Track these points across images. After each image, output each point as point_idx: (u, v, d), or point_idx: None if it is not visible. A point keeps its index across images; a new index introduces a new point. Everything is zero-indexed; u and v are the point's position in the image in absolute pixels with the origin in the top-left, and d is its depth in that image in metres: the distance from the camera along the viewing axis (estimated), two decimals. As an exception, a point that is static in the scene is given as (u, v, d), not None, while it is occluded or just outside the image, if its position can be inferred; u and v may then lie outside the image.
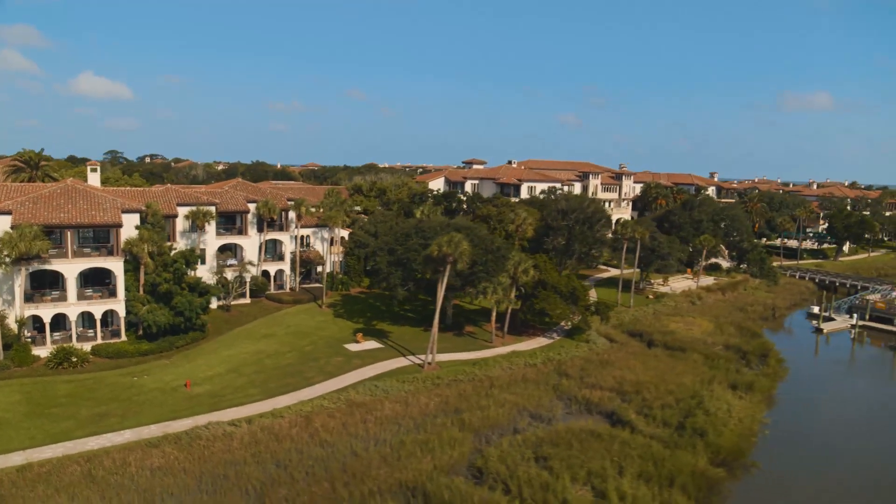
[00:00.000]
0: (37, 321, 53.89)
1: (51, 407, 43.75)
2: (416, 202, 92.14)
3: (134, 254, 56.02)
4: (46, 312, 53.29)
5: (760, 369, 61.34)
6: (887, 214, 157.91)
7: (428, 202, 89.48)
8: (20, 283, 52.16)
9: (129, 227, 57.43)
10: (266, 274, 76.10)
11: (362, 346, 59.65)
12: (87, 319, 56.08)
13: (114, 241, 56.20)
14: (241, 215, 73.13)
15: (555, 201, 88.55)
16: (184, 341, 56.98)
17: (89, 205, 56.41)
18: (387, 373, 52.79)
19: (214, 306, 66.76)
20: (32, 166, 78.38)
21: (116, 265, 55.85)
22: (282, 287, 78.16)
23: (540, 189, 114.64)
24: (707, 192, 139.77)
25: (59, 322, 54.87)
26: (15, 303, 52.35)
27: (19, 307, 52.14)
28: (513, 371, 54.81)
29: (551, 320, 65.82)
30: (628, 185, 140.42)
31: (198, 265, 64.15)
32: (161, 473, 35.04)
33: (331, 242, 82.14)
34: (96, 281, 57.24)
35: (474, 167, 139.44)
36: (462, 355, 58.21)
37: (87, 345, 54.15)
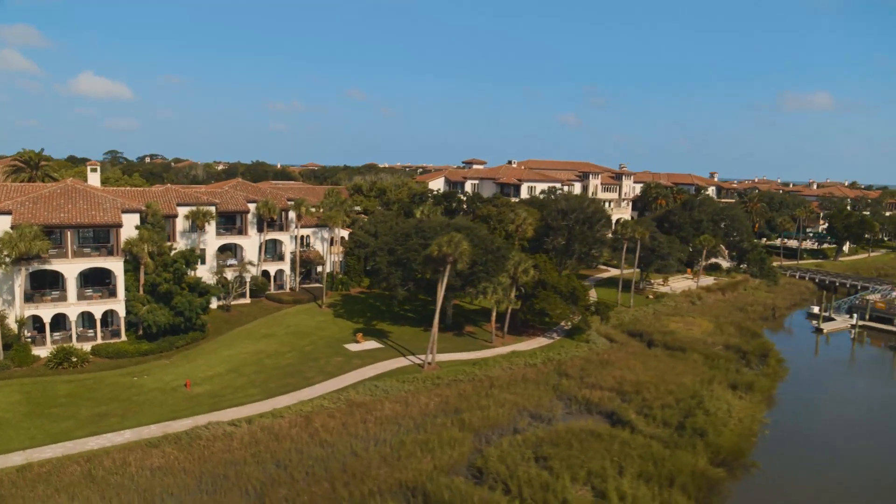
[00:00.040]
0: (37, 321, 53.92)
1: (51, 407, 43.76)
2: (416, 202, 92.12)
3: (134, 254, 56.03)
4: (46, 312, 53.32)
5: (760, 369, 61.32)
6: (887, 214, 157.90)
7: (428, 202, 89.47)
8: (20, 282, 52.19)
9: (129, 227, 57.44)
10: (266, 274, 76.11)
11: (362, 346, 59.66)
12: (87, 319, 56.10)
13: (114, 241, 56.22)
14: (241, 215, 73.14)
15: (555, 201, 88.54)
16: (184, 341, 57.00)
17: (89, 205, 56.43)
18: (387, 373, 52.78)
19: (214, 306, 66.77)
20: (32, 166, 78.39)
21: (116, 265, 55.87)
22: (282, 287, 78.18)
23: (540, 189, 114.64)
24: (707, 192, 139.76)
25: (59, 322, 54.89)
26: (15, 303, 52.37)
27: (19, 307, 52.15)
28: (513, 371, 54.80)
29: (551, 320, 65.82)
30: (628, 185, 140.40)
31: (198, 265, 64.18)
32: (161, 473, 35.05)
33: (331, 242, 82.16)
34: (96, 281, 57.26)
35: (474, 167, 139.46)
36: (462, 355, 58.21)
37: (87, 345, 54.18)
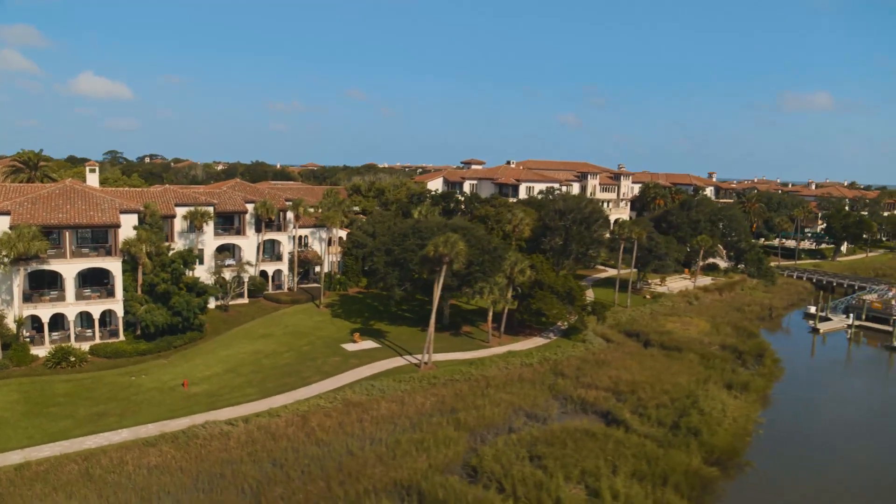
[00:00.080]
0: (35, 321, 54.19)
1: (49, 406, 44.00)
2: (414, 202, 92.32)
3: (132, 254, 56.27)
4: (45, 312, 53.58)
5: (756, 369, 61.57)
6: (885, 214, 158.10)
7: (426, 202, 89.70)
8: (19, 283, 52.43)
9: (128, 227, 57.67)
10: (264, 274, 76.35)
11: (359, 345, 59.90)
12: (85, 319, 56.34)
13: (112, 241, 56.46)
14: (240, 216, 73.38)
15: (552, 201, 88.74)
16: (182, 341, 57.24)
17: (88, 205, 56.67)
18: (383, 372, 53.03)
19: (212, 306, 67.02)
20: (31, 167, 78.62)
21: (115, 265, 56.11)
22: (280, 287, 78.43)
23: (538, 189, 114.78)
24: (704, 192, 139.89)
25: (58, 322, 55.14)
26: (13, 303, 52.60)
27: (18, 307, 52.39)
28: (509, 371, 55.06)
29: (548, 320, 66.06)
30: (627, 185, 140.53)
31: (196, 265, 64.43)
32: (158, 472, 35.29)
33: (329, 242, 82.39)
34: (95, 281, 57.51)
35: (473, 167, 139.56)
36: (458, 355, 58.45)
37: (85, 344, 54.43)
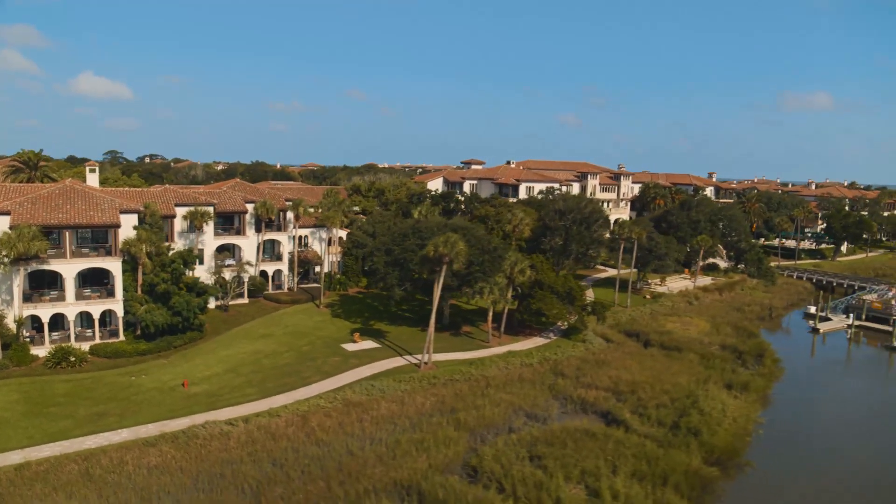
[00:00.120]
0: (35, 321, 54.20)
1: (49, 406, 44.01)
2: (414, 202, 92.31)
3: (132, 254, 56.27)
4: (45, 312, 53.59)
5: (756, 369, 61.55)
6: (885, 214, 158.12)
7: (426, 202, 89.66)
8: (19, 283, 52.44)
9: (128, 227, 57.68)
10: (264, 274, 76.36)
11: (359, 345, 59.90)
12: (85, 319, 56.35)
13: (112, 241, 56.47)
14: (240, 216, 73.38)
15: (552, 201, 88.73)
16: (182, 341, 57.26)
17: (87, 205, 56.68)
18: (383, 372, 53.04)
19: (212, 306, 67.03)
20: (31, 167, 78.63)
21: (114, 265, 56.12)
22: (280, 287, 78.44)
23: (538, 189, 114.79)
24: (705, 192, 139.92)
25: (58, 322, 55.15)
26: (14, 303, 52.61)
27: (18, 307, 52.40)
28: (509, 371, 55.06)
29: (548, 320, 66.07)
30: (627, 185, 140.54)
31: (196, 265, 64.44)
32: (158, 472, 35.30)
33: (329, 243, 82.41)
34: (95, 281, 57.53)
35: (473, 167, 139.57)
36: (458, 355, 58.45)
37: (85, 344, 54.45)
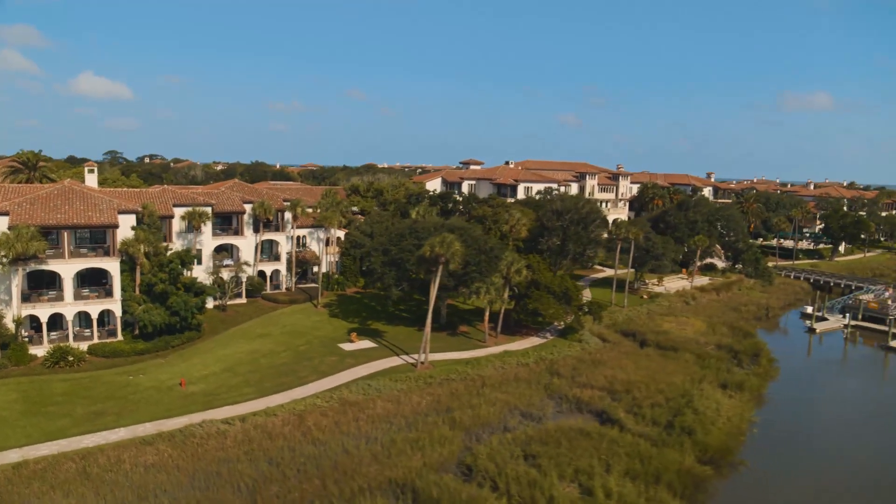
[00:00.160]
0: (34, 321, 54.47)
1: (47, 405, 44.27)
2: (413, 203, 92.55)
3: (130, 254, 56.56)
4: (43, 312, 53.89)
5: (751, 369, 61.79)
6: (883, 215, 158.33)
7: (424, 203, 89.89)
8: (17, 283, 52.73)
9: (126, 227, 57.97)
10: (262, 274, 76.64)
11: (356, 345, 60.18)
12: (83, 319, 56.64)
13: (110, 241, 56.71)
14: (238, 216, 73.64)
15: (550, 202, 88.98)
16: (179, 341, 57.54)
17: (86, 206, 56.97)
18: (380, 372, 53.30)
19: (211, 306, 67.27)
20: (30, 167, 78.87)
21: (113, 265, 56.40)
22: (278, 287, 78.71)
23: (536, 189, 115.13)
24: (703, 192, 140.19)
25: (56, 322, 55.44)
26: (12, 303, 52.89)
27: (16, 307, 52.69)
28: (505, 370, 55.31)
29: (544, 320, 66.34)
30: (625, 185, 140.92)
31: (194, 265, 64.76)
32: (155, 470, 35.55)
33: (327, 243, 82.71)
34: (93, 281, 57.82)
35: (471, 167, 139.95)
36: (455, 355, 58.71)
37: (83, 344, 54.73)
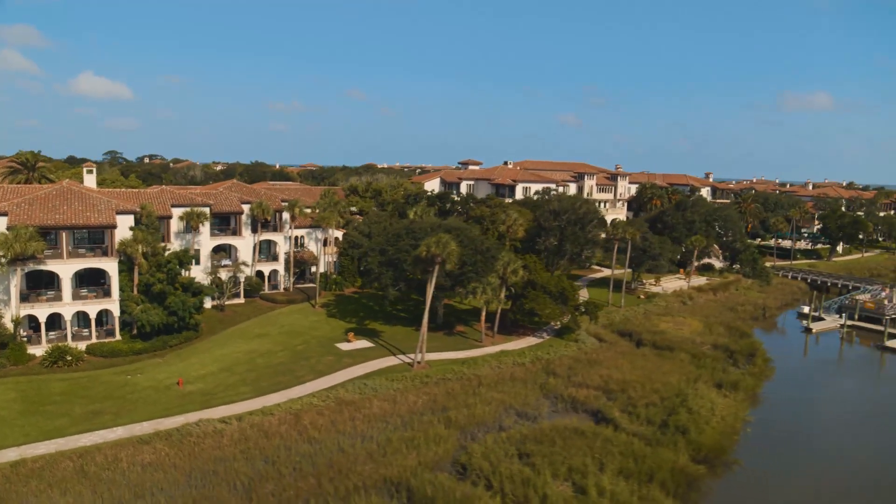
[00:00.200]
0: (32, 321, 54.74)
1: (45, 405, 44.55)
2: (411, 203, 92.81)
3: (128, 254, 56.82)
4: (42, 312, 54.16)
5: (747, 368, 62.01)
6: (881, 215, 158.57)
7: (422, 203, 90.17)
8: (16, 283, 53.02)
9: (124, 228, 58.24)
10: (260, 274, 76.89)
11: (354, 345, 60.45)
12: (81, 319, 56.93)
13: (108, 241, 56.96)
14: (236, 216, 73.92)
15: (547, 202, 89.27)
16: (177, 340, 57.82)
17: (84, 206, 57.25)
18: (376, 371, 53.57)
19: (209, 306, 67.55)
20: (29, 168, 79.17)
21: (111, 266, 56.68)
22: (276, 287, 78.97)
23: (535, 190, 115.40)
24: (701, 192, 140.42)
25: (55, 321, 55.71)
26: (11, 302, 53.18)
27: (15, 307, 52.99)
28: (501, 370, 55.58)
29: (541, 320, 66.59)
30: (623, 185, 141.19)
31: (192, 265, 65.03)
32: (152, 469, 35.84)
33: (325, 243, 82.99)
34: (91, 281, 58.10)
35: (470, 168, 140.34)
36: (451, 354, 58.98)
37: (81, 344, 55.01)
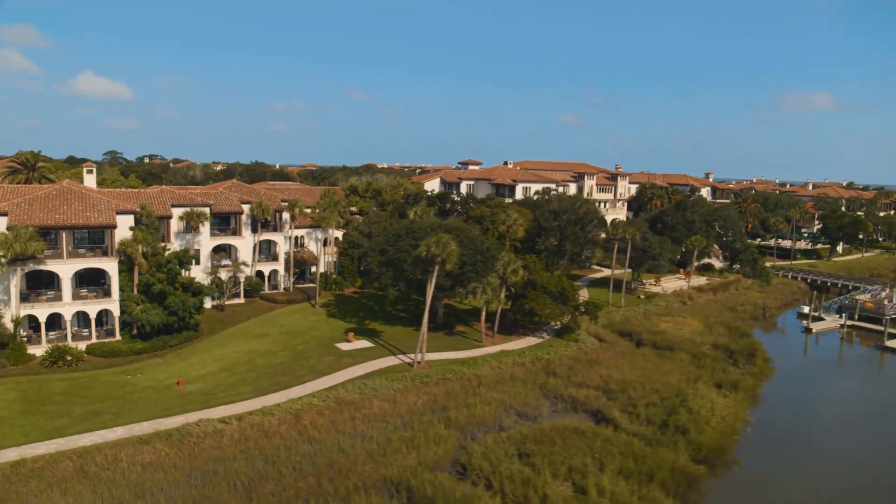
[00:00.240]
0: (32, 321, 54.74)
1: (45, 405, 44.55)
2: (411, 203, 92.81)
3: (128, 254, 56.82)
4: (42, 312, 54.17)
5: (747, 368, 62.02)
6: (881, 215, 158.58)
7: (422, 203, 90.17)
8: (16, 283, 53.02)
9: (124, 228, 58.24)
10: (260, 274, 76.89)
11: (354, 345, 60.45)
12: (81, 319, 56.94)
13: (108, 241, 56.96)
14: (236, 216, 73.91)
15: (547, 202, 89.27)
16: (177, 340, 57.82)
17: (84, 206, 57.25)
18: (376, 371, 53.58)
19: (209, 306, 67.55)
20: (29, 168, 79.18)
21: (111, 266, 56.68)
22: (276, 287, 78.97)
23: (534, 190, 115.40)
24: (701, 192, 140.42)
25: (55, 321, 55.71)
26: (11, 303, 53.18)
27: (15, 307, 52.99)
28: (501, 370, 55.58)
29: (541, 320, 66.59)
30: (623, 185, 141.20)
31: (192, 266, 65.05)
32: (152, 469, 35.84)
33: (325, 243, 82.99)
34: (91, 281, 58.11)
35: (470, 168, 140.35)
36: (451, 354, 58.99)
37: (81, 344, 55.01)
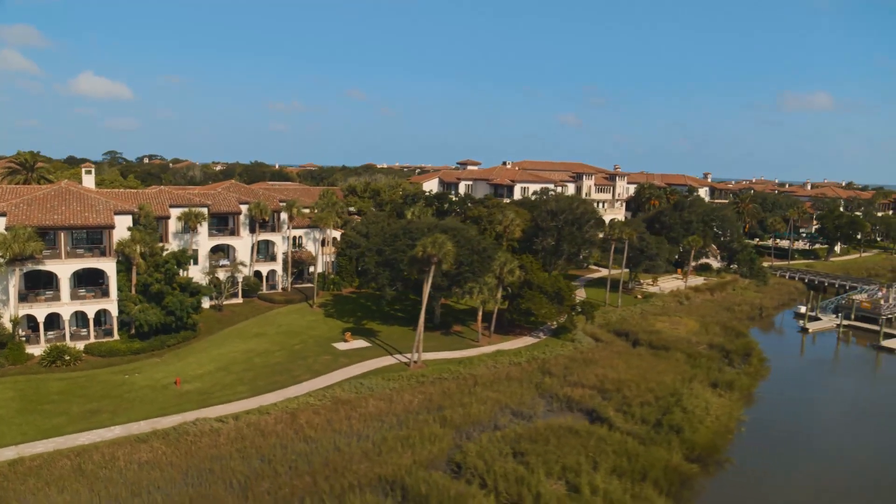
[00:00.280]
0: (31, 320, 55.05)
1: (43, 404, 44.83)
2: (409, 203, 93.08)
3: (126, 254, 57.11)
4: (40, 312, 54.45)
5: (742, 368, 62.29)
6: (879, 215, 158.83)
7: (419, 203, 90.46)
8: (14, 283, 53.30)
9: (122, 228, 58.57)
10: (258, 274, 77.18)
11: (350, 345, 60.73)
12: (80, 319, 57.24)
13: (107, 242, 57.26)
14: (234, 216, 74.19)
15: (545, 202, 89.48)
16: (175, 340, 58.10)
17: (82, 206, 57.53)
18: (373, 371, 53.87)
19: (207, 306, 67.84)
20: (28, 168, 79.51)
21: (109, 266, 56.96)
22: (274, 287, 79.25)
23: (533, 190, 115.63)
24: (699, 192, 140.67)
25: (53, 321, 55.98)
26: (9, 302, 53.47)
27: (13, 307, 53.27)
28: (497, 369, 55.85)
29: (537, 320, 66.84)
30: (622, 185, 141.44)
31: (190, 266, 65.39)
32: (148, 467, 36.10)
33: (323, 243, 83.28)
34: (89, 281, 58.40)
35: (468, 168, 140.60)
36: (448, 354, 59.26)
37: (80, 343, 55.30)
